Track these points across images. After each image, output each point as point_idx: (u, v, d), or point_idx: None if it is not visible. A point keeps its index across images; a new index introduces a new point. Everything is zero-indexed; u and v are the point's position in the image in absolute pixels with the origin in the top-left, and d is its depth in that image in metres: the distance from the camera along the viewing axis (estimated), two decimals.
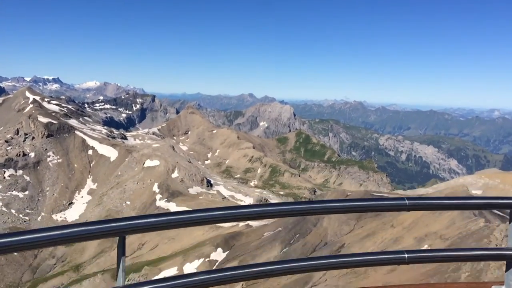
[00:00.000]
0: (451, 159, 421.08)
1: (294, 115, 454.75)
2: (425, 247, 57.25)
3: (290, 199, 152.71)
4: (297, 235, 74.90)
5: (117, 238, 4.51)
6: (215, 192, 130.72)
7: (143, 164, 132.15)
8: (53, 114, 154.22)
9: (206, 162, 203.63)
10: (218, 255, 78.57)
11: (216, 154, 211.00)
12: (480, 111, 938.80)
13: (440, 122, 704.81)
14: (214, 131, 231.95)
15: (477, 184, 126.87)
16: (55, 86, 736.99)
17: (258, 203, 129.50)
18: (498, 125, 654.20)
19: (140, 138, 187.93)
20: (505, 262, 5.62)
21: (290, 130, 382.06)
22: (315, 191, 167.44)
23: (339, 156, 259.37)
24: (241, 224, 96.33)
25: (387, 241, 61.81)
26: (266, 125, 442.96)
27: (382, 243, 61.43)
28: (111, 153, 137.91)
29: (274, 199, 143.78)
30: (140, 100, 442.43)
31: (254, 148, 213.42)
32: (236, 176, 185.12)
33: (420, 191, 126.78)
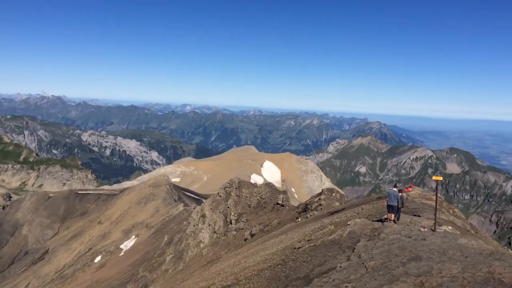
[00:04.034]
0: (153, 151, 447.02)
1: None
2: (133, 237, 59.39)
3: None
4: None
5: None
6: None
7: None
8: None
9: None
10: None
11: None
12: (175, 106, 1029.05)
13: (141, 117, 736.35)
14: None
15: (176, 172, 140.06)
16: None
17: None
18: (190, 118, 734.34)
19: None
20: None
21: None
22: (10, 197, 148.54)
23: (37, 155, 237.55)
24: None
25: (95, 238, 60.93)
26: None
27: (90, 241, 60.21)
28: None
29: None
30: None
31: None
32: None
33: (126, 184, 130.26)
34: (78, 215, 69.50)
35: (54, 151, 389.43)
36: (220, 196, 41.04)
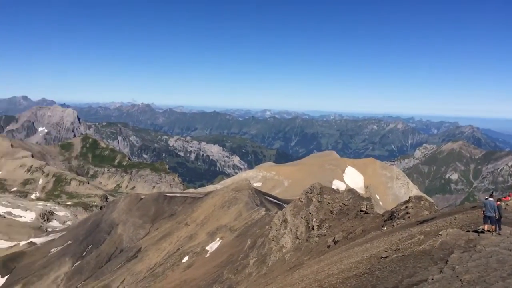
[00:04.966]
0: (234, 156, 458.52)
1: (79, 119, 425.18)
2: (217, 239, 61.37)
3: (80, 209, 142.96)
4: (90, 246, 70.73)
5: None
6: None
7: None
8: None
9: None
10: None
11: None
12: (255, 111, 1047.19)
13: (223, 122, 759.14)
14: None
15: (257, 177, 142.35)
16: None
17: (41, 216, 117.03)
18: (270, 124, 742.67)
19: None
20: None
21: (75, 135, 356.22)
22: (107, 198, 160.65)
23: (130, 159, 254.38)
24: (23, 242, 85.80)
25: (182, 239, 63.88)
26: (46, 130, 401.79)
27: (178, 242, 63.25)
28: None
29: (60, 211, 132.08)
30: None
31: (33, 156, 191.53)
32: (12, 190, 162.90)
33: (210, 188, 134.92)
34: (166, 217, 73.21)
35: (144, 156, 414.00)
36: (302, 201, 41.03)
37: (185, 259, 50.31)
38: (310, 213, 38.23)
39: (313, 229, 36.42)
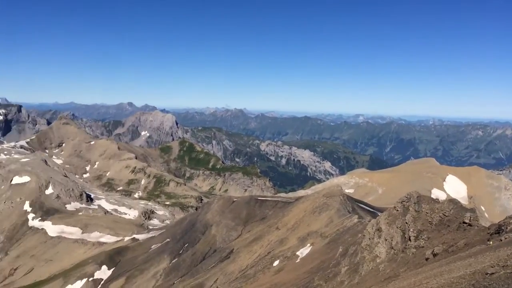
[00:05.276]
0: (326, 161, 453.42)
1: (177, 123, 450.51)
2: (308, 245, 61.06)
3: (177, 209, 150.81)
4: (186, 245, 74.34)
5: None
6: (96, 207, 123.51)
7: (11, 181, 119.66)
8: None
9: (85, 175, 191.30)
10: (103, 273, 74.54)
11: (96, 166, 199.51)
12: (347, 116, 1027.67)
13: (314, 127, 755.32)
14: (92, 143, 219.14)
15: (349, 183, 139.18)
16: None
17: (143, 215, 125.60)
18: (363, 129, 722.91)
19: (5, 152, 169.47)
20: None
21: (173, 139, 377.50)
22: (201, 199, 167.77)
23: (223, 163, 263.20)
24: (127, 238, 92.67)
25: (273, 243, 64.57)
26: (148, 134, 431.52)
27: (269, 246, 64.05)
28: None
29: (160, 210, 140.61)
30: (3, 111, 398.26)
31: (136, 158, 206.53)
32: (118, 189, 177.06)
33: (301, 193, 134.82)
34: (258, 220, 74.33)
35: (237, 159, 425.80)
36: (397, 210, 39.27)
37: (276, 263, 50.76)
38: (406, 222, 36.47)
39: (409, 239, 34.70)
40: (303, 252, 52.24)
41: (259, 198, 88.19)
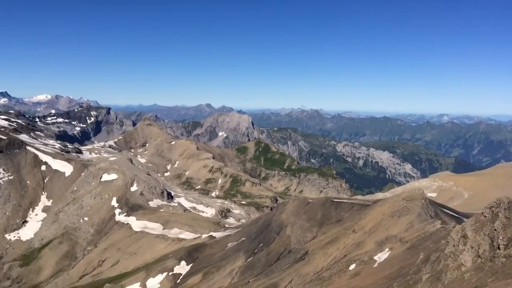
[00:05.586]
0: (406, 163, 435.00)
1: (253, 124, 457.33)
2: (386, 250, 58.77)
3: (252, 209, 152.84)
4: (261, 244, 74.95)
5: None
6: (176, 204, 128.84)
7: (100, 178, 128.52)
8: (2, 129, 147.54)
9: (166, 174, 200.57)
10: (182, 268, 77.37)
11: (176, 165, 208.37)
12: (430, 116, 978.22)
13: (393, 128, 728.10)
14: (173, 143, 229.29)
15: (432, 187, 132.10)
16: (3, 100, 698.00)
17: (220, 213, 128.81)
18: (448, 130, 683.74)
19: (96, 151, 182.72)
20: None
21: (249, 140, 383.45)
22: (276, 200, 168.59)
23: (298, 164, 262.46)
24: (204, 235, 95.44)
25: (349, 246, 62.97)
26: (225, 135, 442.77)
27: (345, 249, 62.55)
28: (66, 168, 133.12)
29: (236, 209, 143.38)
30: (95, 113, 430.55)
31: (214, 158, 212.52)
32: (196, 187, 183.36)
33: (379, 196, 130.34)
34: (333, 222, 73.07)
35: (312, 160, 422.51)
36: (485, 216, 36.41)
37: (352, 266, 49.38)
38: (495, 230, 33.74)
39: (498, 248, 32.05)
40: (381, 256, 50.30)
41: (334, 199, 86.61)
